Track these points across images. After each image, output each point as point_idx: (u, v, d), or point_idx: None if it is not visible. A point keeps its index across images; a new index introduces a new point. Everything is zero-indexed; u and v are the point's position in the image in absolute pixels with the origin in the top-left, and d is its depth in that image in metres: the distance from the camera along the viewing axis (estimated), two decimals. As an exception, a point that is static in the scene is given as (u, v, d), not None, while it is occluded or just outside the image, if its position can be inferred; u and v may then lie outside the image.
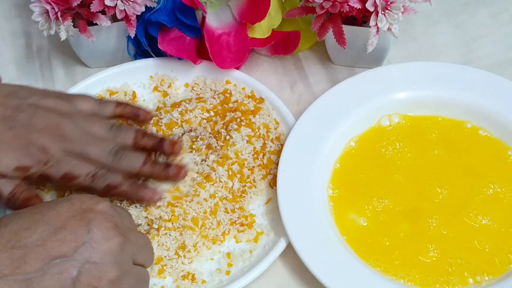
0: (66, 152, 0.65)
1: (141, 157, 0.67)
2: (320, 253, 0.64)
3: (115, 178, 0.66)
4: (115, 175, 0.66)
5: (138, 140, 0.69)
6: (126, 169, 0.66)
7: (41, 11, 0.72)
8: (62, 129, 0.65)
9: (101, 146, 0.66)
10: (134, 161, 0.67)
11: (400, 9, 0.69)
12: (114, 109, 0.70)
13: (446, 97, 0.73)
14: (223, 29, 0.77)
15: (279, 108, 0.75)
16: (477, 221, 0.66)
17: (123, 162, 0.66)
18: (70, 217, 0.51)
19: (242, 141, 0.72)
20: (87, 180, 0.65)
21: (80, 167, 0.65)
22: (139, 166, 0.67)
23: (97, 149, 0.66)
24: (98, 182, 0.65)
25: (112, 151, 0.66)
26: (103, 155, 0.66)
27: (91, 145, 0.66)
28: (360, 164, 0.71)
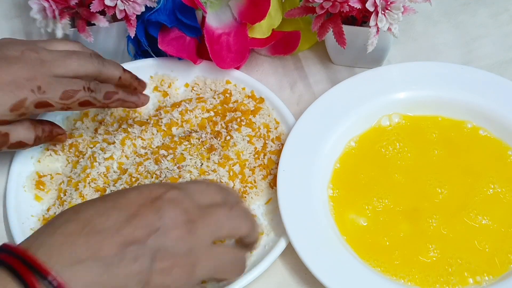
0: (53, 75, 0.65)
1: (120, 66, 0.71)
2: (320, 253, 0.64)
3: (110, 87, 0.68)
4: (107, 85, 0.69)
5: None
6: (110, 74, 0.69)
7: (39, 8, 0.72)
8: (40, 56, 0.66)
9: (79, 57, 0.67)
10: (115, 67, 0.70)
11: (400, 9, 0.69)
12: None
13: (446, 97, 0.73)
14: (223, 29, 0.77)
15: (279, 108, 0.75)
16: (477, 221, 0.66)
17: (106, 66, 0.69)
18: (141, 205, 0.51)
19: (243, 141, 0.72)
20: (86, 94, 0.66)
21: (73, 82, 0.66)
22: (121, 71, 0.70)
23: (78, 61, 0.67)
24: (97, 93, 0.67)
25: (93, 56, 0.68)
26: (85, 63, 0.67)
27: (71, 59, 0.67)
28: (360, 164, 0.71)
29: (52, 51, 0.67)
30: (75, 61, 0.67)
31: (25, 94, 0.64)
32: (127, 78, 0.71)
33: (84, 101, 0.67)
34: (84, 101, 0.67)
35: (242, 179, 0.70)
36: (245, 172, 0.70)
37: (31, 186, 0.72)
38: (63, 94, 0.65)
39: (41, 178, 0.72)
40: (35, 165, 0.73)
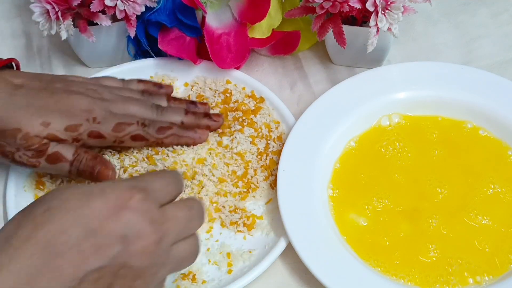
0: (109, 111, 0.67)
1: (182, 109, 0.72)
2: (320, 253, 0.64)
3: (164, 122, 0.69)
4: (163, 121, 0.70)
5: (172, 102, 0.73)
6: (170, 119, 0.70)
7: (42, 11, 0.72)
8: (99, 93, 0.68)
9: (141, 103, 0.70)
10: (176, 111, 0.71)
11: (400, 9, 0.69)
12: (137, 85, 0.74)
13: (446, 97, 0.73)
14: (223, 29, 0.77)
15: (279, 108, 0.75)
16: (477, 221, 0.66)
17: (166, 114, 0.70)
18: (105, 218, 0.49)
19: (246, 142, 0.72)
20: (139, 128, 0.67)
21: (128, 117, 0.68)
22: (183, 115, 0.71)
23: (138, 106, 0.69)
24: (150, 128, 0.68)
25: (153, 106, 0.70)
26: (145, 110, 0.69)
27: (132, 103, 0.69)
28: (360, 164, 0.71)
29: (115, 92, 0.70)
30: (134, 105, 0.69)
31: (81, 121, 0.66)
32: (189, 121, 0.71)
33: (136, 135, 0.68)
34: (136, 135, 0.68)
35: (243, 180, 0.70)
36: (248, 174, 0.70)
37: (31, 186, 0.72)
38: (115, 126, 0.67)
39: (41, 178, 0.72)
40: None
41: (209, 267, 0.66)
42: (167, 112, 0.71)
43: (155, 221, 0.51)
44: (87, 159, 0.67)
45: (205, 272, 0.66)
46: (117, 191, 0.50)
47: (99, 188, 0.51)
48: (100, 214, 0.49)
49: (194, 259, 0.55)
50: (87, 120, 0.66)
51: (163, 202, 0.53)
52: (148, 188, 0.52)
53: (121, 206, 0.49)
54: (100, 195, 0.50)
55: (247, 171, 0.71)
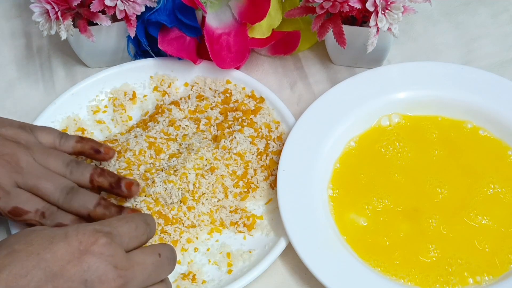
0: (18, 184, 0.63)
1: (94, 198, 0.65)
2: (320, 253, 0.64)
3: (65, 219, 0.64)
4: (65, 215, 0.64)
5: (94, 178, 0.66)
6: (76, 210, 0.64)
7: (42, 11, 0.72)
8: (16, 161, 0.63)
9: (53, 182, 0.64)
10: (86, 201, 0.64)
11: (400, 9, 0.69)
12: (74, 144, 0.68)
13: (446, 97, 0.73)
14: (223, 29, 0.77)
15: (279, 108, 0.75)
16: (477, 221, 0.66)
17: (74, 202, 0.64)
18: (67, 262, 0.49)
19: (245, 142, 0.72)
20: (36, 217, 0.63)
21: (29, 202, 0.63)
22: (90, 208, 0.64)
23: (49, 185, 0.64)
24: (47, 220, 0.63)
25: (64, 189, 0.64)
26: (55, 192, 0.64)
27: (43, 180, 0.64)
28: (360, 164, 0.71)
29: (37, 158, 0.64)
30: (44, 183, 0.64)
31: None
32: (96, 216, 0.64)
33: (30, 223, 0.64)
34: (30, 223, 0.64)
35: (244, 179, 0.70)
36: (248, 174, 0.70)
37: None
38: (12, 209, 0.63)
39: None
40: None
41: (209, 267, 0.66)
42: (76, 200, 0.64)
43: (120, 267, 0.50)
44: None
45: (205, 272, 0.66)
46: (80, 235, 0.50)
47: (63, 232, 0.51)
48: (62, 258, 0.49)
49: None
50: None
51: (130, 247, 0.53)
52: (113, 232, 0.52)
53: (83, 251, 0.50)
54: (62, 239, 0.50)
55: (247, 171, 0.71)
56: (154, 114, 0.75)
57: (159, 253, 0.54)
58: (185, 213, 0.67)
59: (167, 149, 0.72)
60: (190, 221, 0.67)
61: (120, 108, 0.77)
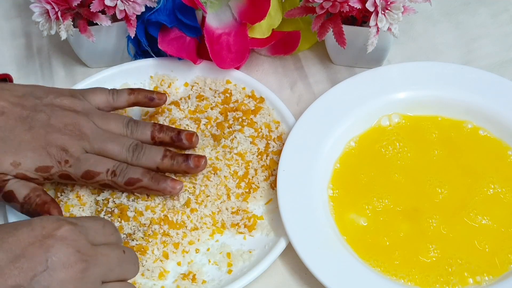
0: (85, 150, 0.66)
1: (159, 151, 0.68)
2: (320, 253, 0.64)
3: (135, 173, 0.66)
4: (135, 170, 0.66)
5: (155, 135, 0.69)
6: (145, 165, 0.67)
7: (41, 11, 0.72)
8: (80, 128, 0.67)
9: (119, 143, 0.67)
10: (153, 155, 0.67)
11: (400, 9, 0.69)
12: (127, 97, 0.72)
13: (446, 97, 0.73)
14: (223, 29, 0.77)
15: (279, 108, 0.75)
16: (477, 221, 0.66)
17: (142, 157, 0.67)
18: (29, 244, 0.50)
19: (246, 142, 0.72)
20: (108, 176, 0.66)
21: (100, 164, 0.66)
22: (158, 160, 0.67)
23: (116, 146, 0.67)
24: (119, 178, 0.66)
25: (131, 147, 0.67)
26: (122, 151, 0.67)
27: (109, 143, 0.67)
28: (360, 164, 0.71)
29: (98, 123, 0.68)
30: (111, 145, 0.67)
31: (52, 163, 0.65)
32: (165, 167, 0.67)
33: (104, 184, 0.66)
34: (104, 184, 0.66)
35: (245, 179, 0.70)
36: (249, 174, 0.70)
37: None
38: (84, 173, 0.66)
39: None
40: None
41: (209, 267, 0.66)
42: (143, 156, 0.67)
43: (82, 251, 0.51)
44: (36, 204, 0.65)
45: (205, 272, 0.66)
46: (44, 222, 0.52)
47: (27, 221, 0.52)
48: (25, 240, 0.50)
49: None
50: (58, 163, 0.65)
51: (96, 241, 0.53)
52: (78, 223, 0.53)
53: (46, 235, 0.50)
54: (26, 225, 0.51)
55: (248, 171, 0.71)
56: (154, 114, 0.75)
57: (124, 250, 0.56)
58: (189, 216, 0.67)
59: None
60: (193, 224, 0.67)
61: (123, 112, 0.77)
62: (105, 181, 0.66)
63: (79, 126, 0.67)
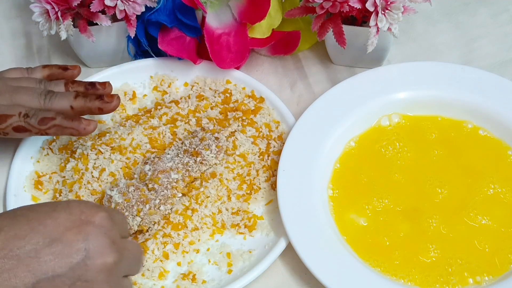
0: None
1: (72, 93, 0.69)
2: (320, 253, 0.64)
3: (49, 113, 0.67)
4: (48, 111, 0.67)
5: (69, 86, 0.71)
6: (59, 107, 0.68)
7: (41, 11, 0.72)
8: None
9: (30, 91, 0.68)
10: (66, 96, 0.68)
11: (400, 9, 0.69)
12: (41, 70, 0.73)
13: (446, 97, 0.73)
14: (223, 29, 0.77)
15: (279, 108, 0.75)
16: (477, 221, 0.66)
17: (54, 100, 0.68)
18: (67, 229, 0.49)
19: (247, 142, 0.72)
20: (21, 119, 0.66)
21: (11, 108, 0.66)
22: (71, 99, 0.68)
23: (26, 96, 0.68)
24: (32, 119, 0.66)
25: (42, 93, 0.68)
26: (33, 99, 0.68)
27: (20, 94, 0.68)
28: (360, 164, 0.71)
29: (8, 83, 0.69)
30: (21, 94, 0.68)
31: None
32: (78, 105, 0.68)
33: (18, 126, 0.67)
34: (18, 126, 0.67)
35: (247, 182, 0.70)
36: (250, 174, 0.70)
37: (31, 186, 0.72)
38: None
39: (40, 178, 0.72)
40: (35, 165, 0.73)
41: (209, 267, 0.66)
42: (55, 98, 0.68)
43: (116, 243, 0.51)
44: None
45: (205, 272, 0.66)
46: (83, 206, 0.51)
47: (65, 203, 0.51)
48: (63, 225, 0.49)
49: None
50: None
51: (121, 233, 0.53)
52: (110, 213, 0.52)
53: (85, 221, 0.50)
54: (65, 208, 0.50)
55: (250, 173, 0.71)
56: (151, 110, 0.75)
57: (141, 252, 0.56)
58: (190, 218, 0.67)
59: None
60: (194, 224, 0.67)
61: (120, 108, 0.77)
62: (18, 123, 0.66)
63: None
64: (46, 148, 0.74)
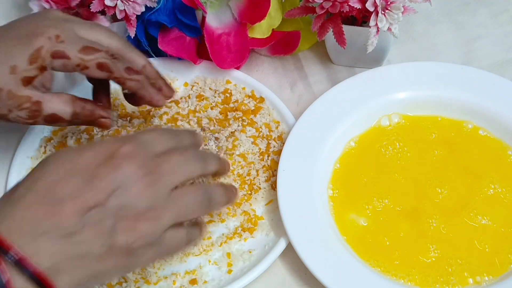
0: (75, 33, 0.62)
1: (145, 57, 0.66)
2: (320, 253, 0.64)
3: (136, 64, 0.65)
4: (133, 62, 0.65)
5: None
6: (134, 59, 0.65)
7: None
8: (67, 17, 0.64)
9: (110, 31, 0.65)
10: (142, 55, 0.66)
11: (400, 9, 0.69)
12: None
13: (446, 97, 0.73)
14: (223, 29, 0.77)
15: (279, 108, 0.75)
16: (477, 221, 0.66)
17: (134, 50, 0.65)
18: (98, 165, 0.51)
19: (247, 142, 0.72)
20: (107, 58, 0.62)
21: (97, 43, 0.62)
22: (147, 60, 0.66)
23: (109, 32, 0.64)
24: (119, 63, 0.63)
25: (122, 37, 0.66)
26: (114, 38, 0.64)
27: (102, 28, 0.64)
28: (360, 164, 0.71)
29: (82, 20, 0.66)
30: (103, 31, 0.64)
31: (41, 42, 0.60)
32: (151, 71, 0.66)
33: (103, 63, 0.62)
34: (103, 63, 0.62)
35: (248, 183, 0.70)
36: (251, 174, 0.70)
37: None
38: (83, 49, 0.61)
39: None
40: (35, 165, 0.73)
41: (209, 267, 0.66)
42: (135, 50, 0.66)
43: (147, 165, 0.52)
44: (85, 116, 0.64)
45: (205, 272, 0.66)
46: (106, 144, 0.53)
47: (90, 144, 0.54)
48: (92, 162, 0.51)
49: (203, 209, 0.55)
50: (49, 39, 0.60)
51: (157, 150, 0.54)
52: (137, 139, 0.54)
53: (111, 155, 0.51)
54: (90, 148, 0.52)
55: (250, 173, 0.71)
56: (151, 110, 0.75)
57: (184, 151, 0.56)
58: None
59: None
60: None
61: (120, 108, 0.77)
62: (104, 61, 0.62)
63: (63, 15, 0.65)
64: (44, 147, 0.74)
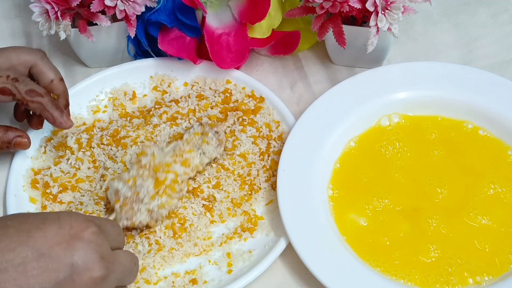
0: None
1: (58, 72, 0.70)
2: (320, 253, 0.64)
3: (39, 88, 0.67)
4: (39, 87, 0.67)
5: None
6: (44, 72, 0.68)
7: (41, 11, 0.72)
8: None
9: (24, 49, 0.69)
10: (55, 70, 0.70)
11: (400, 9, 0.69)
12: None
13: (446, 97, 0.73)
14: (223, 29, 0.77)
15: (279, 108, 0.75)
16: (477, 221, 0.66)
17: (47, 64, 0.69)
18: (56, 243, 0.49)
19: (248, 142, 0.72)
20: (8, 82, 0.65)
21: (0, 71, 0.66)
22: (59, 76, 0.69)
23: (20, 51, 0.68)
24: (21, 85, 0.66)
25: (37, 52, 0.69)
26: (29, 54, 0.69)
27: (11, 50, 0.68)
28: (360, 164, 0.71)
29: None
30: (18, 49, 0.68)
31: None
32: (58, 87, 0.69)
33: (3, 88, 0.65)
34: (3, 88, 0.65)
35: (248, 183, 0.70)
36: (251, 174, 0.70)
37: (30, 185, 0.72)
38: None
39: (36, 176, 0.72)
40: (34, 164, 0.73)
41: (209, 267, 0.66)
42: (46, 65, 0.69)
43: (105, 258, 0.51)
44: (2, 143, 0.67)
45: (205, 272, 0.66)
46: (73, 220, 0.51)
47: (55, 215, 0.51)
48: (52, 239, 0.49)
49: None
50: None
51: (113, 245, 0.53)
52: (102, 227, 0.52)
53: (74, 235, 0.50)
54: (55, 221, 0.51)
55: (250, 173, 0.71)
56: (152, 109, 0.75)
57: (135, 262, 0.56)
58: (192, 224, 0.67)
59: None
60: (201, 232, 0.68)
61: (120, 108, 0.77)
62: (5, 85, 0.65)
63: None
64: (44, 147, 0.74)
